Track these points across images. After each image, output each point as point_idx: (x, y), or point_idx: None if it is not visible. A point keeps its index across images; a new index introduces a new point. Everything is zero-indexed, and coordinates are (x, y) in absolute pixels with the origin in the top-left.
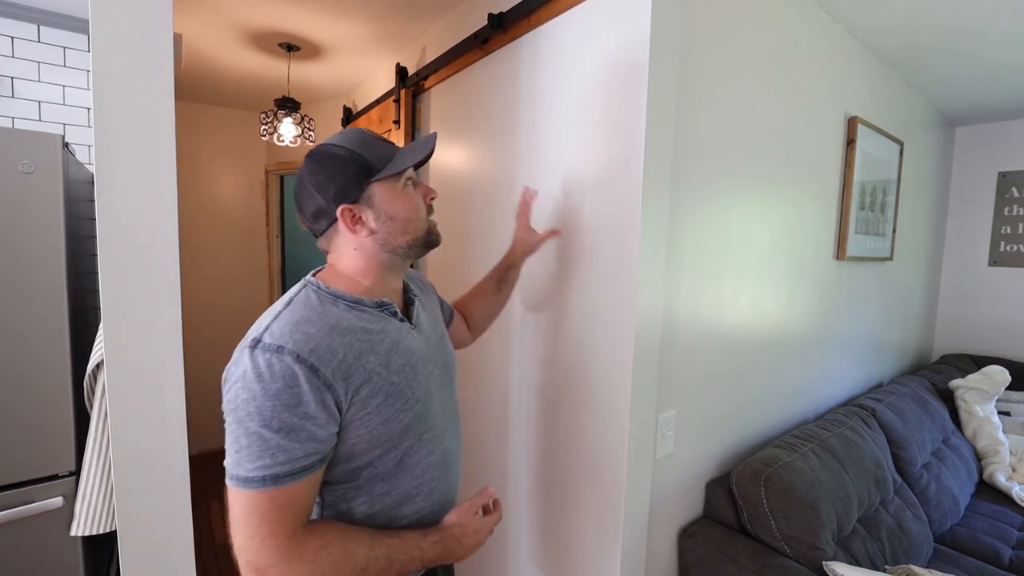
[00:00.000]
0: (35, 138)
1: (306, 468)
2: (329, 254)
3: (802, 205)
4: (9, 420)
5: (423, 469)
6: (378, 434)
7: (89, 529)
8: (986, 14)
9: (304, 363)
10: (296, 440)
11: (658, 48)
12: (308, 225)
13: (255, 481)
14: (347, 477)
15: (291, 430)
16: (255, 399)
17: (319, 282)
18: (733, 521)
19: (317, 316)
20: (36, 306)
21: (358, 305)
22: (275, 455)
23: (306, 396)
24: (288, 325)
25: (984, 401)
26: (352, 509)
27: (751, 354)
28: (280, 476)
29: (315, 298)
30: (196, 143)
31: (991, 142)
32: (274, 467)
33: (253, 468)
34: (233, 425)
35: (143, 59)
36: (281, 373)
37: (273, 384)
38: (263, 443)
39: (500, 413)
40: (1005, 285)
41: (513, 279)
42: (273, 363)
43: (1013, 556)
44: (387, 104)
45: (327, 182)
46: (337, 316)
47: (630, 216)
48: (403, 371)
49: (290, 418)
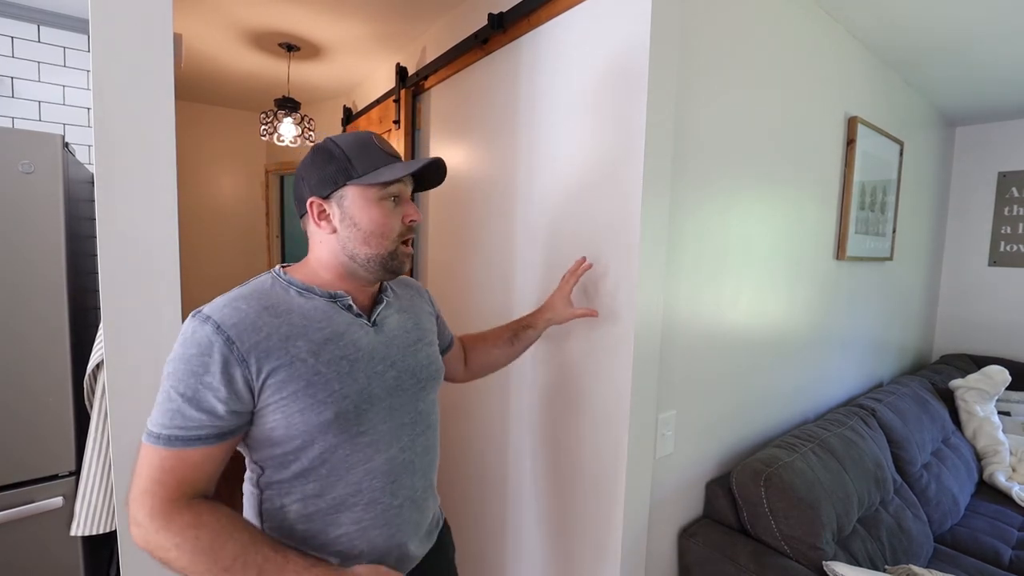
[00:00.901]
0: (35, 138)
1: (199, 439)
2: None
3: (802, 205)
4: (9, 420)
5: (359, 476)
6: (294, 422)
7: (89, 529)
8: (986, 14)
9: (222, 335)
10: (194, 408)
11: (658, 48)
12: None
13: (152, 436)
14: (275, 466)
15: (191, 397)
16: (174, 361)
17: (280, 270)
18: (733, 521)
19: (256, 297)
20: (36, 306)
21: (307, 292)
22: (173, 417)
23: (213, 367)
24: (225, 300)
25: (984, 401)
26: (286, 506)
27: (751, 354)
28: (172, 439)
29: (268, 282)
30: (196, 143)
31: (991, 142)
32: (170, 428)
33: (155, 425)
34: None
35: (143, 59)
36: (197, 340)
37: (189, 350)
38: (168, 403)
39: (500, 412)
40: (1005, 285)
41: (528, 340)
42: (196, 330)
43: (1013, 556)
44: (387, 104)
45: (311, 172)
46: (278, 299)
47: (630, 216)
48: (337, 363)
49: (194, 384)
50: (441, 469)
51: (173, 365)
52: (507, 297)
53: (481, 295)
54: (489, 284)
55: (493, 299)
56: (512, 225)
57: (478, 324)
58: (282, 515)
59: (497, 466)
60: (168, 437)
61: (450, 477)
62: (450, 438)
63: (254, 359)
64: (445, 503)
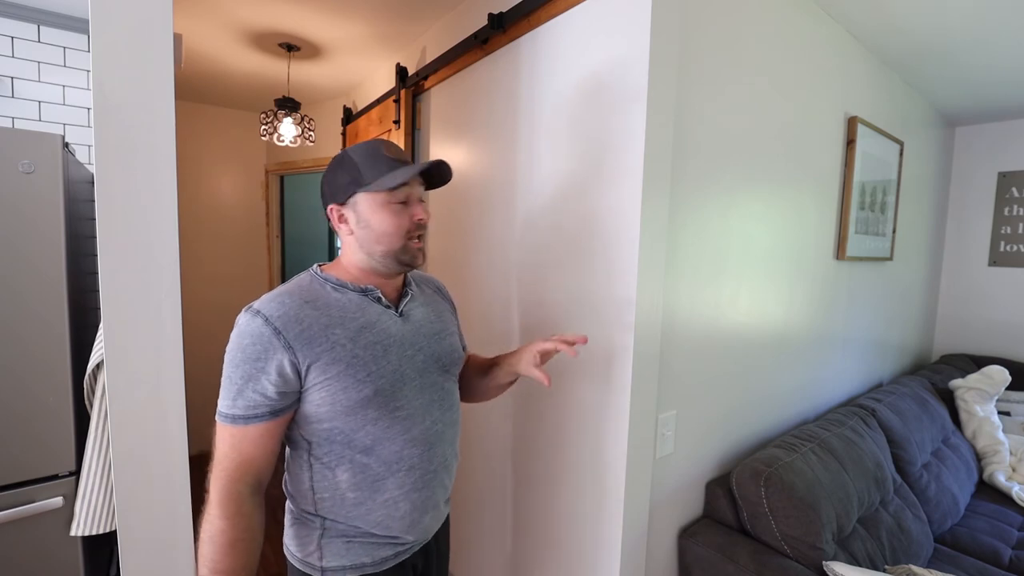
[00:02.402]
0: (35, 138)
1: (256, 416)
2: None
3: (802, 205)
4: (9, 420)
5: (401, 444)
6: (339, 399)
7: (89, 529)
8: (986, 14)
9: (270, 326)
10: (251, 390)
11: (658, 48)
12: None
13: (221, 416)
14: (324, 439)
15: (249, 379)
16: (232, 350)
17: (318, 268)
18: (733, 521)
19: (298, 292)
20: (36, 306)
21: (341, 288)
22: (235, 399)
23: (265, 353)
24: (272, 295)
25: (984, 401)
26: (337, 475)
27: (751, 354)
28: (235, 417)
29: (307, 280)
30: (196, 143)
31: (991, 142)
32: (234, 408)
33: (224, 406)
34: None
35: (143, 59)
36: (250, 331)
37: (243, 340)
38: (231, 386)
39: (500, 412)
40: (1005, 285)
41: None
42: (249, 323)
43: (1013, 556)
44: (387, 104)
45: (329, 181)
46: (316, 294)
47: (630, 216)
48: (372, 348)
49: (250, 369)
50: None
51: (231, 354)
52: (506, 297)
53: (480, 294)
54: (489, 283)
55: (492, 299)
56: (512, 225)
57: (477, 323)
58: (335, 484)
59: (497, 466)
60: (233, 416)
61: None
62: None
63: (299, 346)
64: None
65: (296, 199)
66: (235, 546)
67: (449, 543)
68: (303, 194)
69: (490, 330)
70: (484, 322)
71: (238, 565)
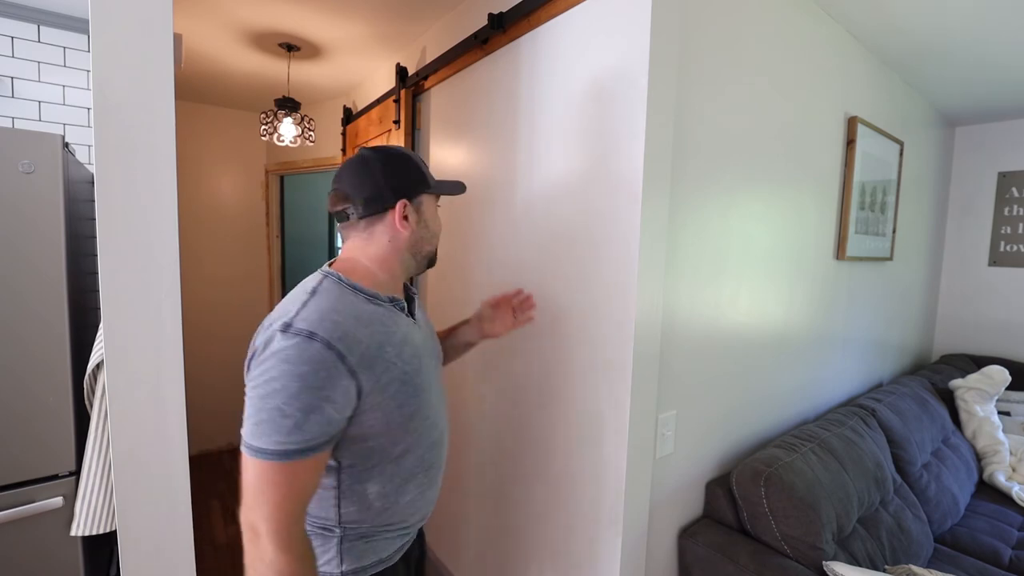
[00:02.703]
0: (35, 138)
1: (315, 447)
2: (351, 240)
3: (802, 205)
4: (9, 420)
5: (424, 448)
6: (393, 417)
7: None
8: (986, 14)
9: (333, 350)
10: (313, 421)
11: (658, 48)
12: (343, 204)
13: (271, 454)
14: (362, 457)
15: (311, 411)
16: (282, 378)
17: (339, 273)
18: (733, 521)
19: (343, 306)
20: (36, 306)
21: (375, 299)
22: (291, 433)
23: (330, 381)
24: (317, 313)
25: (984, 401)
26: (367, 489)
27: (751, 354)
28: (291, 452)
29: (335, 289)
30: (196, 143)
31: (991, 142)
32: (287, 444)
33: (271, 442)
34: (256, 399)
35: (143, 59)
36: (310, 357)
37: (301, 367)
38: (284, 420)
39: (500, 412)
40: (1005, 285)
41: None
42: (304, 347)
43: (1013, 556)
44: (387, 104)
45: (395, 174)
46: (358, 307)
47: (630, 216)
48: (412, 361)
49: (312, 399)
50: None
51: (282, 382)
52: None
53: (480, 294)
54: (489, 283)
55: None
56: (512, 224)
57: None
58: (363, 495)
59: (496, 465)
60: (287, 451)
61: (450, 476)
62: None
63: (363, 370)
64: (445, 502)
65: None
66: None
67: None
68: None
69: None
70: None
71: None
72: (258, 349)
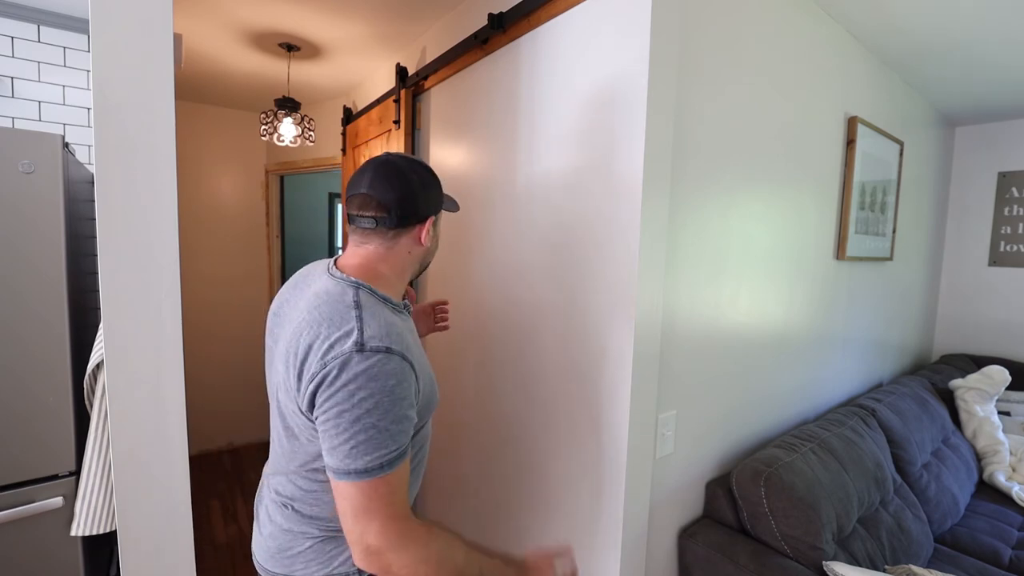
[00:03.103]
0: (35, 138)
1: (407, 450)
2: (369, 246)
3: (802, 205)
4: (9, 420)
5: (429, 436)
6: (424, 414)
7: (89, 529)
8: (986, 14)
9: (407, 361)
10: (404, 428)
11: (658, 48)
12: (379, 212)
13: (375, 470)
14: None
15: (403, 420)
16: (374, 396)
17: (369, 285)
18: (733, 521)
19: (393, 319)
20: (36, 306)
21: (397, 308)
22: (388, 444)
23: (411, 390)
24: (380, 327)
25: (984, 401)
26: None
27: (751, 354)
28: (393, 460)
29: (373, 300)
30: (196, 143)
31: (991, 142)
32: (388, 455)
33: (372, 459)
34: (348, 423)
35: (143, 59)
36: (393, 371)
37: (388, 381)
38: (381, 435)
39: (500, 412)
40: (1005, 285)
41: None
42: (385, 363)
43: (1013, 556)
44: (387, 104)
45: (431, 192)
46: (392, 316)
47: (630, 216)
48: (424, 360)
49: (402, 409)
50: (440, 468)
51: (374, 400)
52: (506, 297)
53: (481, 294)
54: (489, 282)
55: (493, 298)
56: (511, 224)
57: (477, 323)
58: None
59: (495, 465)
60: (390, 462)
61: (450, 475)
62: (450, 437)
63: (419, 374)
64: (445, 503)
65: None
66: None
67: None
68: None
69: (490, 330)
70: (485, 322)
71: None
72: (331, 373)
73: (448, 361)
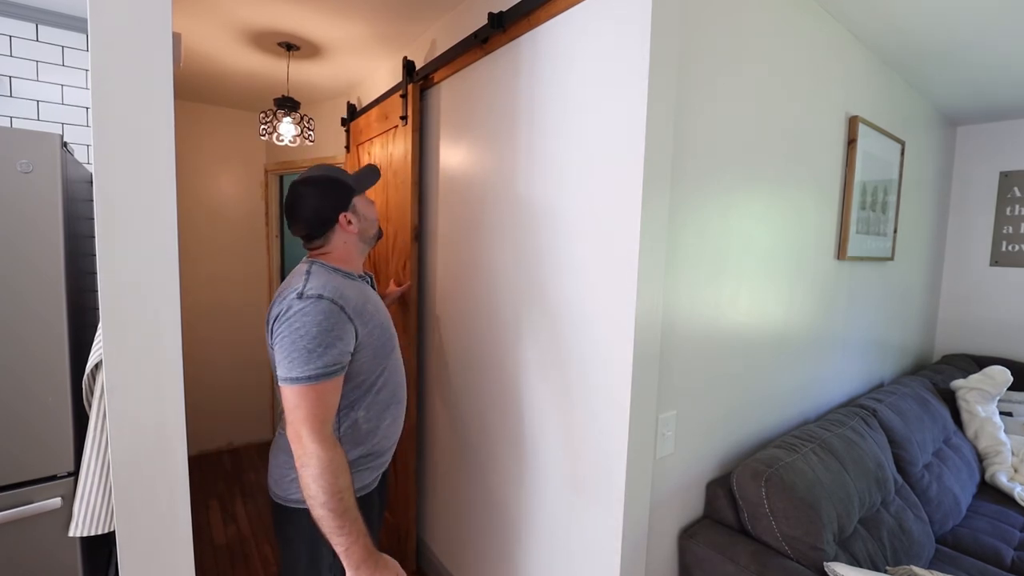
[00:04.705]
0: (34, 137)
1: (333, 372)
2: (319, 249)
3: (803, 205)
4: (7, 420)
5: (396, 382)
6: (376, 352)
7: (88, 530)
8: (987, 14)
9: (336, 304)
10: (330, 353)
11: (658, 47)
12: (304, 232)
13: (303, 379)
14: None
15: (328, 346)
16: (304, 327)
17: (322, 260)
18: (734, 521)
19: (336, 279)
20: (35, 306)
21: (349, 276)
22: (315, 362)
23: (337, 325)
24: (319, 281)
25: (986, 401)
26: (357, 416)
27: (751, 354)
28: (318, 376)
29: (323, 269)
30: (196, 143)
31: (992, 142)
32: (315, 369)
33: (303, 371)
34: (286, 345)
35: (142, 59)
36: (322, 310)
37: (317, 316)
38: (310, 354)
39: (500, 413)
40: (1007, 285)
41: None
42: (316, 304)
43: (1015, 557)
44: (391, 100)
45: (328, 197)
46: (341, 280)
47: (630, 216)
48: (381, 314)
49: (327, 338)
50: (441, 469)
51: (304, 330)
52: (508, 296)
53: (483, 293)
54: (490, 282)
55: (494, 297)
56: (512, 224)
57: (479, 320)
58: (354, 420)
59: (498, 464)
60: (315, 376)
61: (450, 476)
62: (450, 437)
63: (356, 318)
64: (445, 502)
65: None
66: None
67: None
68: None
69: (492, 327)
70: (486, 319)
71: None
72: (281, 312)
73: (448, 360)
